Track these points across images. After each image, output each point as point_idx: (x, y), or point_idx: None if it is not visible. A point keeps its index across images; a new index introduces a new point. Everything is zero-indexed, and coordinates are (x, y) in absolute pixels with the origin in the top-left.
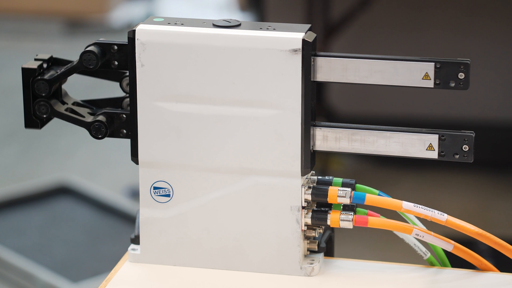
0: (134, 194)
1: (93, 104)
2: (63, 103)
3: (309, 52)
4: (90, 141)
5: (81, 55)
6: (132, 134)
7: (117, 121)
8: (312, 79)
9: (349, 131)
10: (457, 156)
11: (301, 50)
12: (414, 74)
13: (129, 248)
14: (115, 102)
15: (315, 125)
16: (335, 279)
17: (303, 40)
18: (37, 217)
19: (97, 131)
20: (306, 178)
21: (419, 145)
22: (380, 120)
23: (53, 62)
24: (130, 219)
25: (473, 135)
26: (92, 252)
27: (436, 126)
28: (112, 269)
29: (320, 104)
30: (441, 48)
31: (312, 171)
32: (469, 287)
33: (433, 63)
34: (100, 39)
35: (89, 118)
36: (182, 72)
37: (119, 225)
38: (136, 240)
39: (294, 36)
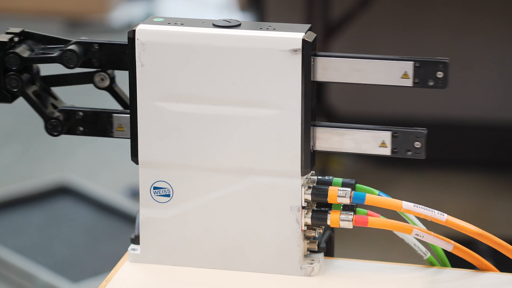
0: (134, 194)
1: (63, 80)
2: (33, 82)
3: (309, 52)
4: (90, 141)
5: (62, 52)
6: (132, 134)
7: (73, 118)
8: (312, 79)
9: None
10: (409, 153)
11: (301, 50)
12: (393, 73)
13: (129, 248)
14: (86, 76)
15: (315, 125)
16: (335, 279)
17: (303, 40)
18: (37, 217)
19: (53, 129)
20: (306, 178)
21: (372, 142)
22: (380, 120)
23: (25, 36)
24: (130, 219)
25: (426, 132)
26: (92, 252)
27: (437, 126)
28: (112, 269)
29: (320, 104)
30: (441, 48)
31: (312, 171)
32: (469, 287)
33: (412, 62)
34: (82, 38)
35: (49, 110)
36: (182, 72)
37: (119, 225)
38: (136, 240)
39: (294, 36)
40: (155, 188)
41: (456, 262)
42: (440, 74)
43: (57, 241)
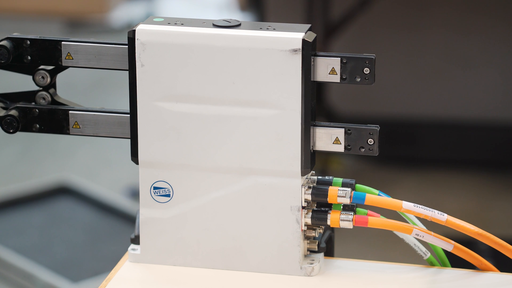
0: (134, 194)
1: (6, 98)
2: None
3: (309, 52)
4: (90, 141)
5: None
6: (132, 134)
7: (29, 115)
8: (312, 79)
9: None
10: (362, 150)
11: (301, 50)
12: (321, 69)
13: (129, 248)
14: (28, 95)
15: (315, 125)
16: (335, 279)
17: (303, 40)
18: (37, 217)
19: (9, 126)
20: (306, 178)
21: (326, 138)
22: (380, 120)
23: None
24: (130, 219)
25: (378, 129)
26: (92, 252)
27: (437, 126)
28: (112, 269)
29: (320, 104)
30: (441, 48)
31: (312, 171)
32: (469, 287)
33: (339, 58)
34: (14, 34)
35: (1, 112)
36: (182, 72)
37: (119, 225)
38: (136, 240)
39: (294, 36)
40: (155, 188)
41: (456, 262)
42: (366, 70)
43: (57, 241)
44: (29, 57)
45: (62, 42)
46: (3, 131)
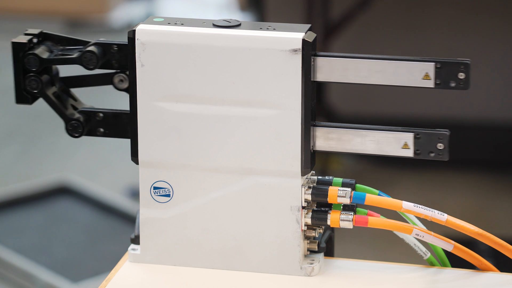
0: (134, 194)
1: (83, 81)
2: (53, 83)
3: (309, 52)
4: (90, 141)
5: (82, 54)
6: (132, 134)
7: (93, 119)
8: (312, 79)
9: (325, 130)
10: (432, 155)
11: (301, 50)
12: (414, 74)
13: (129, 248)
14: (105, 77)
15: (315, 125)
16: (335, 279)
17: (303, 40)
18: (37, 217)
19: (74, 130)
20: (306, 178)
21: (395, 143)
22: (380, 120)
23: (44, 37)
24: (130, 219)
25: (448, 134)
26: (92, 252)
27: (436, 126)
28: (112, 269)
29: (320, 104)
30: (441, 48)
31: (312, 171)
32: (469, 287)
33: (434, 63)
34: (100, 39)
35: (70, 111)
36: (182, 72)
37: (119, 225)
38: (136, 240)
39: (294, 36)
40: (155, 188)
41: (456, 262)
42: (461, 75)
43: (57, 241)
44: (116, 63)
45: None
46: (68, 135)
